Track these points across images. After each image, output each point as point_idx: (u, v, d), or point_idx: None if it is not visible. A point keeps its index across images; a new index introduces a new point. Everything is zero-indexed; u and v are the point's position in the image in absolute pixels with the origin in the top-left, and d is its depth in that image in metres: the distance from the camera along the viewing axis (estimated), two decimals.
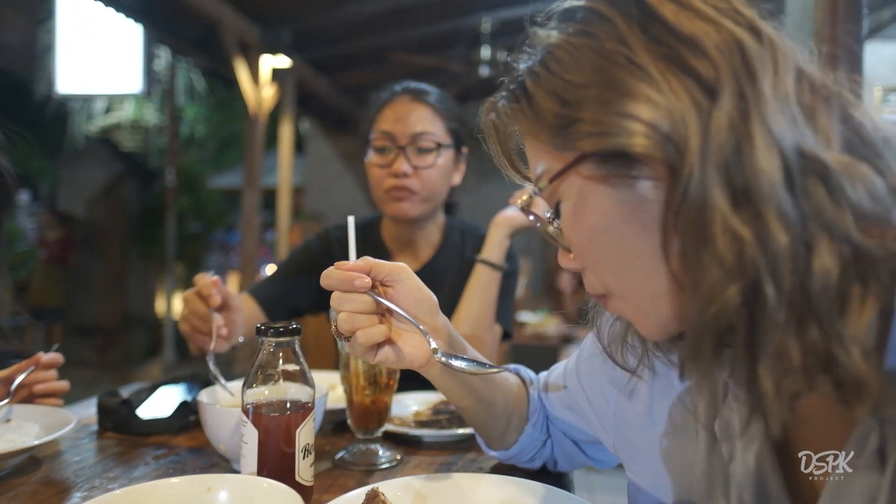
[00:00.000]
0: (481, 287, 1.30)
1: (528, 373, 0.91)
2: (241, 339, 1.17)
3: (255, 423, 0.75)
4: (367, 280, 0.68)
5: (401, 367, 0.72)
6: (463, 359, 0.71)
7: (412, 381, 1.23)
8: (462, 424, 1.06)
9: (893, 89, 2.01)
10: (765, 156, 0.43)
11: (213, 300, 1.08)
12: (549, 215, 0.56)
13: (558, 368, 0.88)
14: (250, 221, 4.85)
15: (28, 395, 1.04)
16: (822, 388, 0.43)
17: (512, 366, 0.92)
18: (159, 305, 7.68)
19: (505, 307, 1.37)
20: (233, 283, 8.51)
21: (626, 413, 0.71)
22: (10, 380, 1.03)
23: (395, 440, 1.04)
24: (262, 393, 0.77)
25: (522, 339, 3.59)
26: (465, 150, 1.41)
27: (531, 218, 0.62)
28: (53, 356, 1.07)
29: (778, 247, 0.42)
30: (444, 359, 0.69)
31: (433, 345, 0.70)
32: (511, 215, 1.32)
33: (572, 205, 0.53)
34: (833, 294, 0.42)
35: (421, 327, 0.70)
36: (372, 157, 1.35)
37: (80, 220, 7.83)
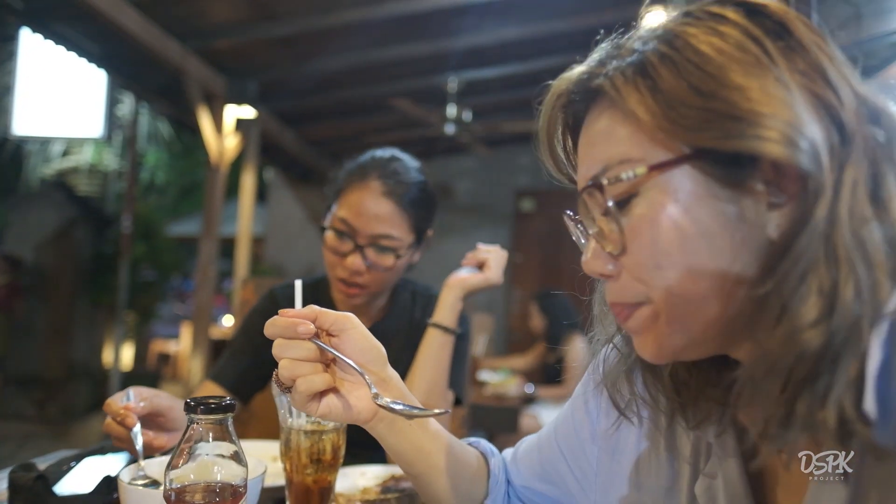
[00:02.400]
0: (434, 352, 1.25)
1: (487, 445, 0.86)
2: None
3: None
4: (311, 326, 0.65)
5: (346, 420, 0.68)
6: (400, 403, 0.67)
7: (362, 451, 1.15)
8: None
9: None
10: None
11: (129, 421, 0.99)
12: (610, 206, 0.52)
13: (528, 440, 0.84)
14: (206, 272, 4.72)
15: None
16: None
17: (472, 439, 0.87)
18: (107, 356, 7.35)
19: (457, 372, 1.32)
20: (186, 333, 8.24)
21: (610, 472, 0.69)
22: None
23: None
24: (188, 476, 0.69)
25: (482, 399, 3.50)
26: (430, 233, 1.37)
27: (574, 217, 0.59)
28: None
29: (880, 302, 0.42)
30: (382, 402, 0.66)
31: (374, 389, 0.66)
32: (464, 277, 1.28)
33: (659, 201, 0.49)
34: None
35: (361, 372, 0.66)
36: (328, 237, 1.28)
37: (27, 265, 7.52)
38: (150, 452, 1.02)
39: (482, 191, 7.40)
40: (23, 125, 6.22)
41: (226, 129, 4.69)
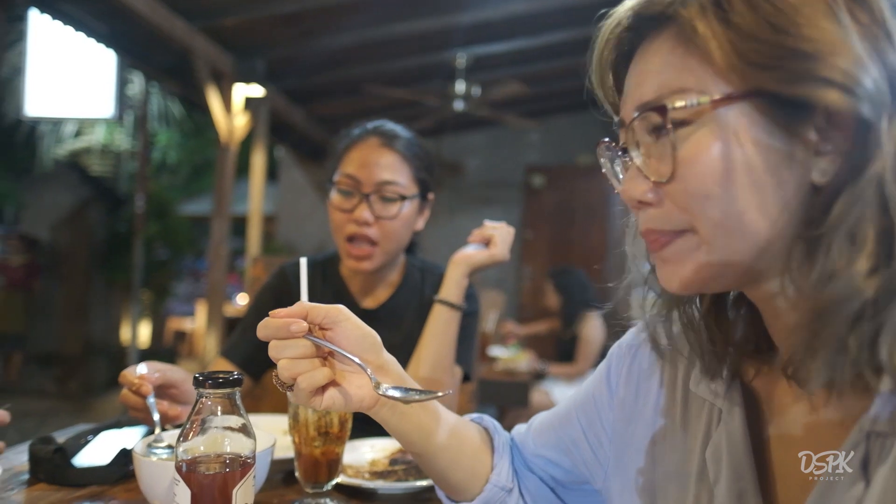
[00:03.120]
0: (440, 328, 1.27)
1: (491, 421, 0.88)
2: None
3: (187, 481, 0.69)
4: (304, 324, 0.66)
5: (349, 409, 0.69)
6: (402, 389, 0.69)
7: (370, 426, 1.18)
8: (420, 476, 1.02)
9: None
10: None
11: (144, 389, 1.03)
12: (669, 128, 0.52)
13: (545, 413, 0.86)
14: (218, 250, 4.76)
15: None
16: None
17: (475, 415, 0.88)
18: (124, 333, 7.47)
19: (465, 348, 1.34)
20: (201, 311, 8.34)
21: (624, 440, 0.72)
22: None
23: (348, 492, 0.99)
24: (198, 448, 0.72)
25: (493, 375, 3.53)
26: (431, 196, 1.39)
27: (608, 149, 0.60)
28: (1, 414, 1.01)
29: None
30: (382, 391, 0.67)
31: (374, 379, 0.68)
32: (470, 253, 1.29)
33: (716, 133, 0.50)
34: None
35: (361, 364, 0.68)
36: (334, 198, 1.32)
37: (44, 245, 7.63)
38: (165, 422, 1.05)
39: (492, 167, 7.37)
40: (35, 106, 6.25)
41: (235, 107, 4.69)
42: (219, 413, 0.72)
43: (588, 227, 6.67)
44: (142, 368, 1.07)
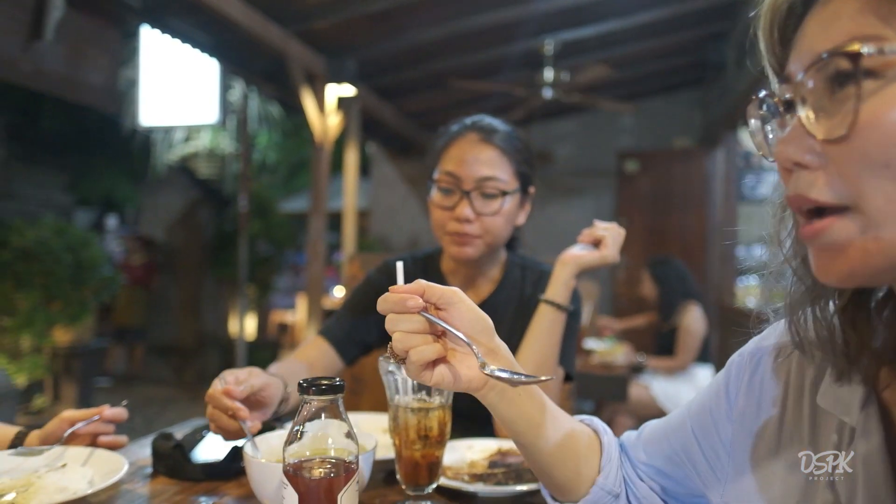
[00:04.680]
0: (545, 328, 1.24)
1: (601, 424, 0.85)
2: (288, 395, 1.13)
3: (294, 486, 0.71)
4: (420, 300, 0.68)
5: (457, 388, 0.70)
6: (508, 371, 0.69)
7: (469, 427, 1.17)
8: (520, 480, 1.00)
9: None
10: None
11: (242, 414, 1.00)
12: (862, 77, 0.45)
13: (655, 421, 0.83)
14: (316, 246, 4.94)
15: (87, 443, 1.05)
16: None
17: (585, 417, 0.85)
18: (232, 326, 7.92)
19: (567, 349, 1.31)
20: (301, 304, 8.70)
21: (744, 456, 0.67)
22: (73, 420, 1.04)
23: (448, 494, 0.99)
24: (304, 452, 0.73)
25: (589, 367, 3.45)
26: (532, 190, 1.36)
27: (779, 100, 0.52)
28: (117, 412, 1.08)
29: None
30: (488, 370, 0.68)
31: (481, 358, 0.68)
32: (578, 254, 1.26)
33: None
34: None
35: (470, 343, 0.68)
36: (435, 196, 1.32)
37: (160, 245, 8.23)
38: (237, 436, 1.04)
39: (584, 154, 7.20)
40: (148, 116, 6.72)
41: (328, 108, 4.84)
42: (323, 417, 0.74)
43: (686, 213, 6.37)
44: (224, 382, 1.03)
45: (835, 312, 0.56)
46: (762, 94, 0.54)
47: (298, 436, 0.73)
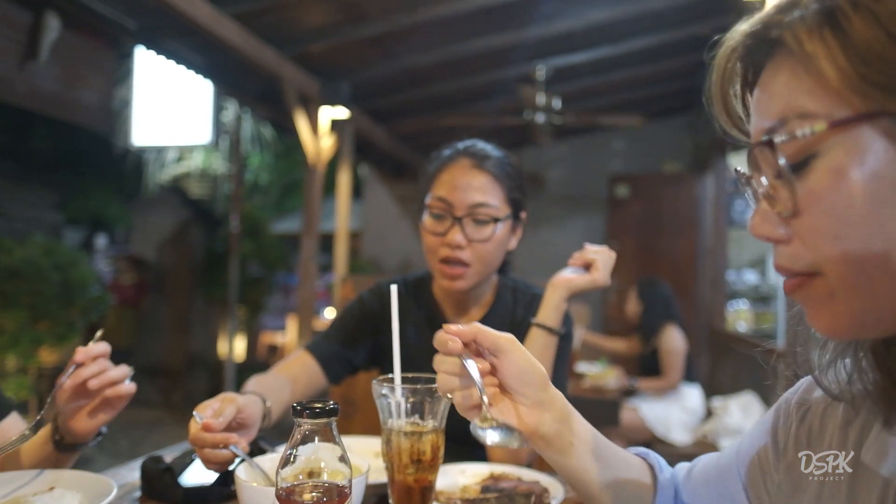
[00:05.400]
0: (537, 352, 1.24)
1: (657, 458, 0.83)
2: (268, 410, 1.13)
3: None
4: (458, 343, 0.68)
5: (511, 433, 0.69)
6: (502, 429, 0.68)
7: (461, 450, 1.17)
8: None
9: None
10: None
11: (232, 440, 1.00)
12: (782, 165, 0.48)
13: (706, 458, 0.81)
14: (308, 268, 4.93)
15: (94, 397, 0.98)
16: None
17: (641, 449, 0.84)
18: (221, 347, 7.86)
19: (560, 372, 1.31)
20: (292, 325, 8.65)
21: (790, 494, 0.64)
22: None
23: None
24: (297, 476, 0.73)
25: (580, 391, 3.44)
26: (523, 215, 1.38)
27: (743, 172, 0.54)
28: (97, 348, 0.98)
29: None
30: (472, 428, 0.68)
31: (485, 408, 0.68)
32: (570, 277, 1.26)
33: (840, 163, 0.45)
34: None
35: (482, 391, 0.68)
36: (427, 221, 1.32)
37: (150, 265, 8.19)
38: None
39: (575, 178, 7.26)
40: (141, 136, 6.73)
41: (321, 130, 4.86)
42: (316, 441, 0.74)
43: (676, 237, 6.42)
44: (200, 418, 1.02)
45: (868, 354, 0.56)
46: (738, 168, 0.57)
47: (292, 459, 0.73)
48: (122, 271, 7.91)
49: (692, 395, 3.87)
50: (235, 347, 7.30)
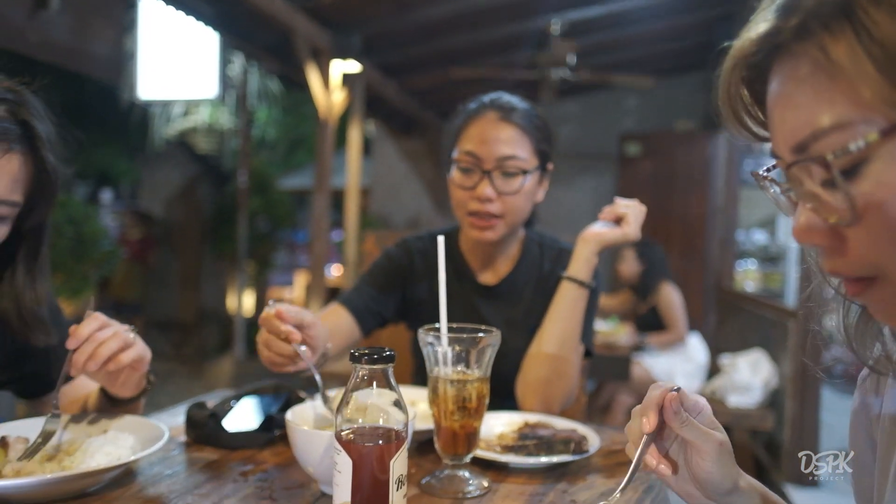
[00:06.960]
0: (568, 305, 1.26)
1: None
2: (328, 350, 1.15)
3: (348, 452, 0.73)
4: (654, 421, 0.69)
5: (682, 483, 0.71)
6: None
7: (493, 398, 1.19)
8: (550, 451, 1.02)
9: None
10: None
11: (294, 337, 1.01)
12: (838, 178, 0.46)
13: None
14: (320, 224, 4.93)
15: (107, 366, 0.94)
16: None
17: None
18: (231, 302, 7.93)
19: (588, 325, 1.32)
20: (300, 281, 8.71)
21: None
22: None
23: (481, 465, 1.01)
24: (356, 420, 0.75)
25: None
26: (550, 167, 1.37)
27: (768, 184, 0.54)
28: (87, 327, 0.93)
29: None
30: None
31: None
32: (600, 231, 1.27)
33: (888, 166, 0.44)
34: None
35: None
36: (455, 175, 1.31)
37: (158, 220, 8.20)
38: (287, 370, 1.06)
39: (586, 136, 7.18)
40: (146, 89, 6.64)
41: (333, 84, 4.80)
42: (374, 387, 0.76)
43: (688, 196, 6.38)
44: (277, 306, 1.03)
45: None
46: (757, 171, 0.55)
47: (350, 403, 0.75)
48: (129, 226, 7.92)
49: (694, 344, 4.05)
50: (245, 302, 7.37)
